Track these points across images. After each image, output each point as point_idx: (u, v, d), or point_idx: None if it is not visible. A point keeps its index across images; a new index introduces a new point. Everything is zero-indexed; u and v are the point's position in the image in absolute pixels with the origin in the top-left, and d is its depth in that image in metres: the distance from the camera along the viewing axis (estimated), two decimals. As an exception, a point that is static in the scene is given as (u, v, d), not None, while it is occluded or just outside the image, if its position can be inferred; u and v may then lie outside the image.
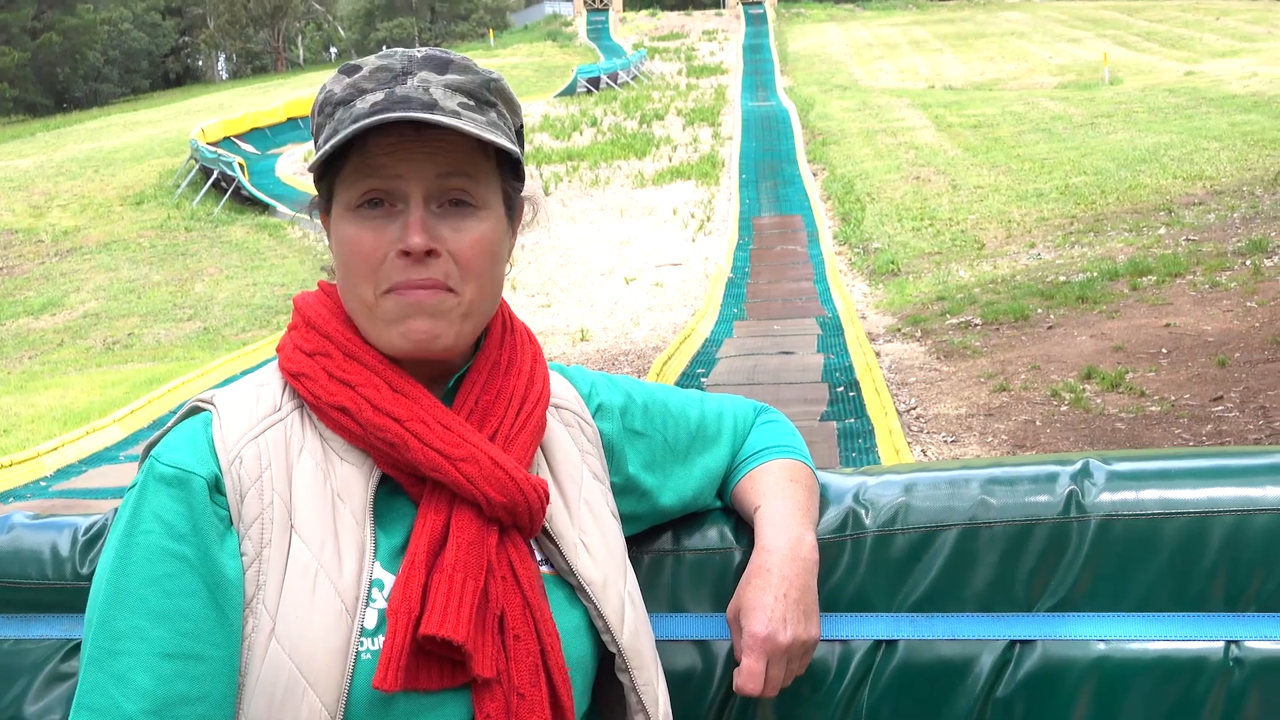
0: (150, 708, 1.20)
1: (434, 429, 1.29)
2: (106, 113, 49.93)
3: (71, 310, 19.93)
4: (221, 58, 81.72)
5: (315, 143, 1.36)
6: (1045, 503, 1.47)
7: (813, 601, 1.42)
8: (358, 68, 1.34)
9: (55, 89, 64.81)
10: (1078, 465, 1.51)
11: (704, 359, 12.45)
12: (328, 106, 1.33)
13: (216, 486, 1.28)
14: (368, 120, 1.26)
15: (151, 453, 1.31)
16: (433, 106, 1.28)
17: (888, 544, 1.50)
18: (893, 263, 17.02)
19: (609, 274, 18.65)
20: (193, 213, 25.42)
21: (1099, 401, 9.21)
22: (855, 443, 8.92)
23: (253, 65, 76.24)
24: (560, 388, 1.50)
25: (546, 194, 25.18)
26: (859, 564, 1.50)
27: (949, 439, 8.85)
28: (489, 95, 1.34)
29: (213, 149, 27.65)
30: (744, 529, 1.54)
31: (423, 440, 1.28)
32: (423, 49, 1.36)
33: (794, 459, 1.56)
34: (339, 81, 1.33)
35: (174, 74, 77.12)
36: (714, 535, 1.56)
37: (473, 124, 1.28)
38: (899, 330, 13.10)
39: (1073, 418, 8.92)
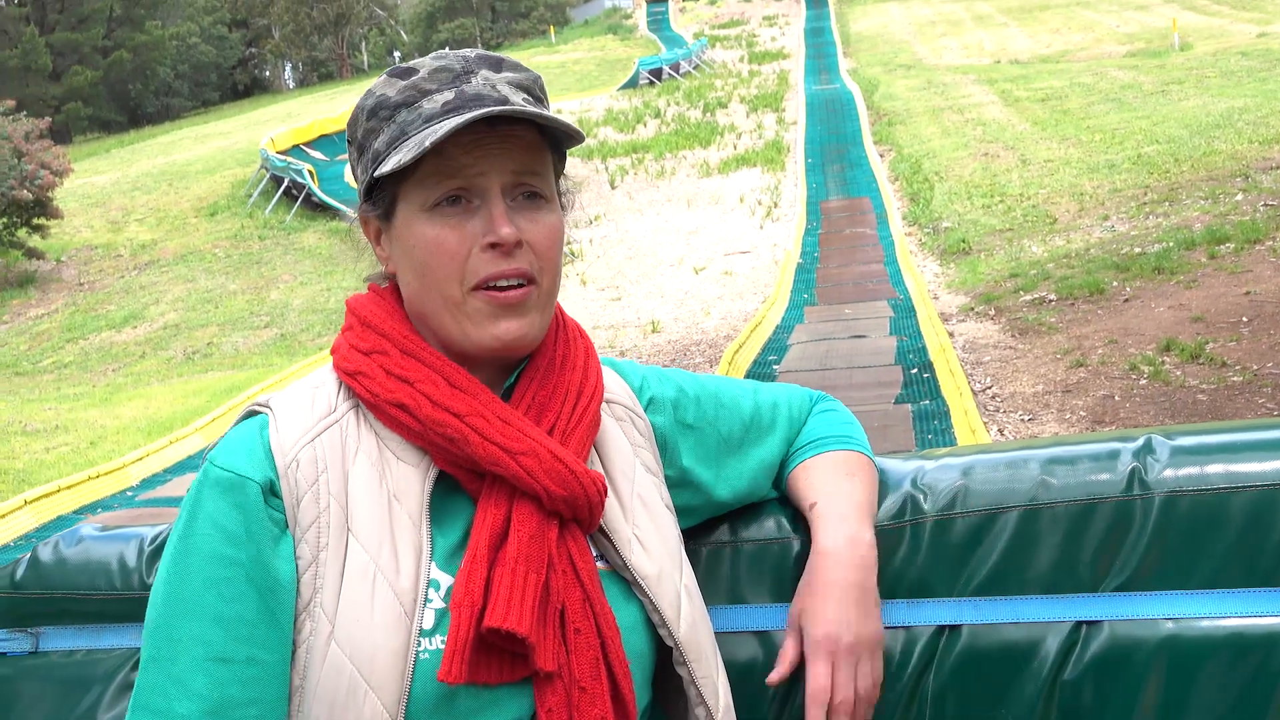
0: (204, 710, 1.22)
1: (493, 423, 1.30)
2: (178, 126, 50.72)
3: (152, 322, 20.27)
4: (288, 67, 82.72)
5: (364, 147, 1.37)
6: (1107, 481, 1.45)
7: (873, 601, 1.41)
8: (413, 70, 1.35)
9: (128, 105, 65.95)
10: (1140, 441, 1.48)
11: (775, 346, 12.39)
12: (383, 110, 1.34)
13: (272, 490, 1.29)
14: (459, 118, 1.27)
15: (208, 456, 1.32)
16: (505, 101, 1.30)
17: (947, 528, 1.48)
18: (963, 241, 16.83)
19: (678, 264, 18.62)
20: (265, 221, 25.75)
21: (1179, 374, 9.05)
22: (931, 424, 8.84)
23: (319, 73, 77.08)
24: (612, 382, 1.51)
25: (612, 187, 25.21)
26: (919, 550, 1.48)
27: (1026, 417, 8.75)
28: (538, 91, 1.37)
29: (282, 157, 27.99)
30: (802, 518, 1.53)
31: (483, 435, 1.29)
32: (471, 50, 1.37)
33: (851, 450, 1.55)
34: (392, 85, 1.34)
35: (242, 85, 78.16)
36: (771, 525, 1.55)
37: (546, 117, 1.31)
38: (972, 309, 12.95)
39: (1152, 391, 8.78)
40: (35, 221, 23.84)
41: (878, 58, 41.04)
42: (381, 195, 1.37)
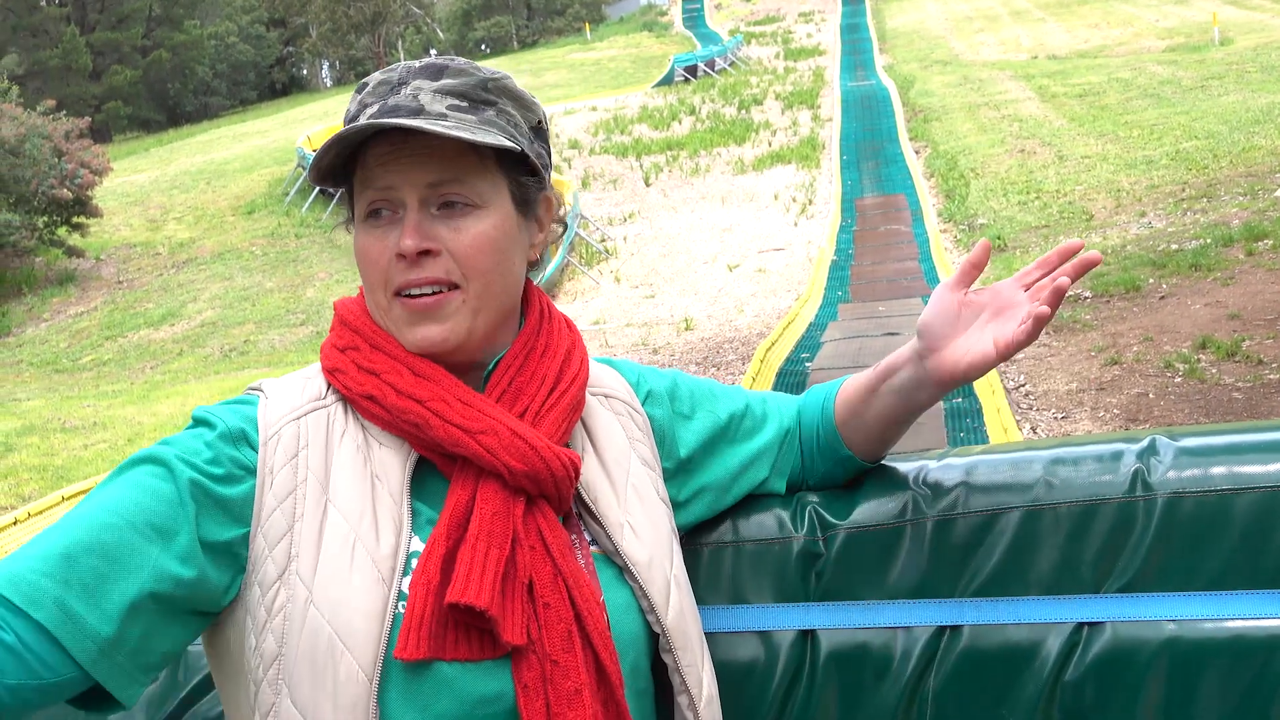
0: (60, 548, 1.20)
1: (454, 406, 1.34)
2: (216, 125, 51.09)
3: (189, 320, 20.44)
4: (325, 65, 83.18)
5: None
6: (1110, 482, 1.45)
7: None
8: (367, 83, 1.40)
9: (167, 104, 66.49)
10: (1144, 443, 1.48)
11: (808, 344, 12.37)
12: (346, 120, 1.40)
13: (246, 439, 1.32)
14: (345, 136, 1.32)
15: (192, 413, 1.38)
16: (418, 113, 1.33)
17: (948, 529, 1.48)
18: (999, 238, 16.74)
19: (712, 262, 18.61)
20: (301, 219, 25.91)
21: (1214, 371, 8.97)
22: (963, 422, 8.80)
23: (355, 71, 77.41)
24: (611, 379, 1.55)
25: (647, 184, 25.21)
26: (920, 550, 1.48)
27: (1059, 415, 8.70)
28: (485, 94, 1.38)
29: (319, 156, 28.08)
30: (801, 517, 1.53)
31: (443, 417, 1.33)
32: (421, 60, 1.42)
33: None
34: (354, 99, 1.40)
35: (280, 84, 78.66)
36: (772, 525, 1.56)
37: (457, 125, 1.32)
38: (1006, 306, 12.86)
39: (1187, 389, 8.71)
40: (75, 220, 24.10)
41: (914, 54, 40.85)
42: (345, 204, 1.45)
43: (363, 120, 1.33)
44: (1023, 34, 42.58)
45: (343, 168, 1.39)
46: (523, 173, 1.42)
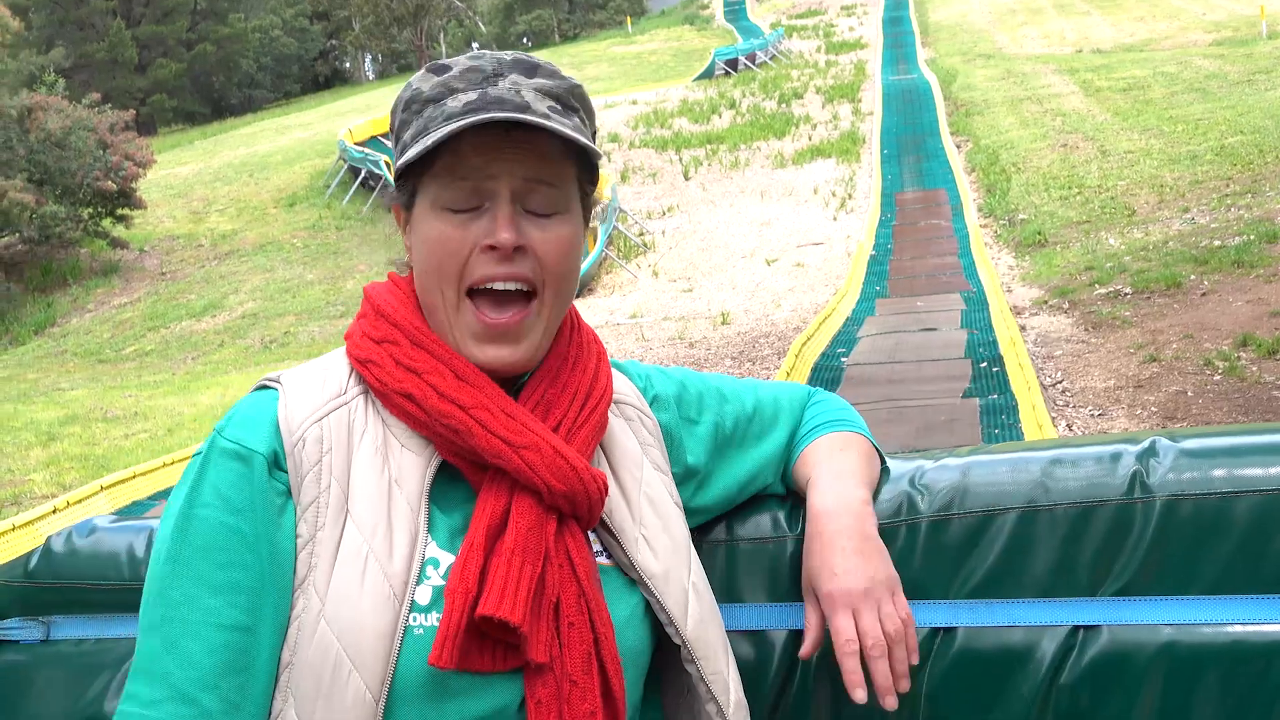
0: (199, 676, 1.24)
1: (498, 417, 1.31)
2: (260, 118, 51.43)
3: (231, 311, 20.59)
4: (368, 59, 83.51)
5: (398, 138, 1.39)
6: (1108, 483, 1.43)
7: (875, 547, 1.41)
8: (447, 67, 1.36)
9: (212, 97, 66.94)
10: (1144, 444, 1.46)
11: (844, 339, 12.31)
12: (414, 103, 1.35)
13: (276, 463, 1.31)
14: (469, 119, 1.28)
15: (215, 427, 1.35)
16: (526, 108, 1.30)
17: (944, 529, 1.47)
18: (1039, 233, 16.62)
19: (750, 256, 18.57)
20: (343, 212, 26.05)
21: (1254, 369, 8.87)
22: (999, 419, 8.73)
23: (398, 64, 77.69)
24: (620, 383, 1.52)
25: (686, 178, 25.18)
26: (914, 550, 1.47)
27: (1096, 413, 8.62)
28: (573, 101, 1.37)
29: (360, 149, 28.25)
30: (797, 517, 1.52)
31: (486, 427, 1.30)
32: (510, 53, 1.38)
33: (845, 430, 1.56)
34: (427, 80, 1.36)
35: (323, 77, 79.01)
36: (767, 524, 1.55)
37: (561, 126, 1.30)
38: (1045, 302, 12.78)
39: (1226, 387, 8.61)
40: (119, 212, 24.38)
41: (956, 47, 40.58)
42: (405, 186, 1.39)
43: (459, 106, 1.31)
44: (1067, 27, 42.22)
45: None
46: (588, 182, 1.41)
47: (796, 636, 1.48)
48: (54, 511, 8.67)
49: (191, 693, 1.24)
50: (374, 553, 1.28)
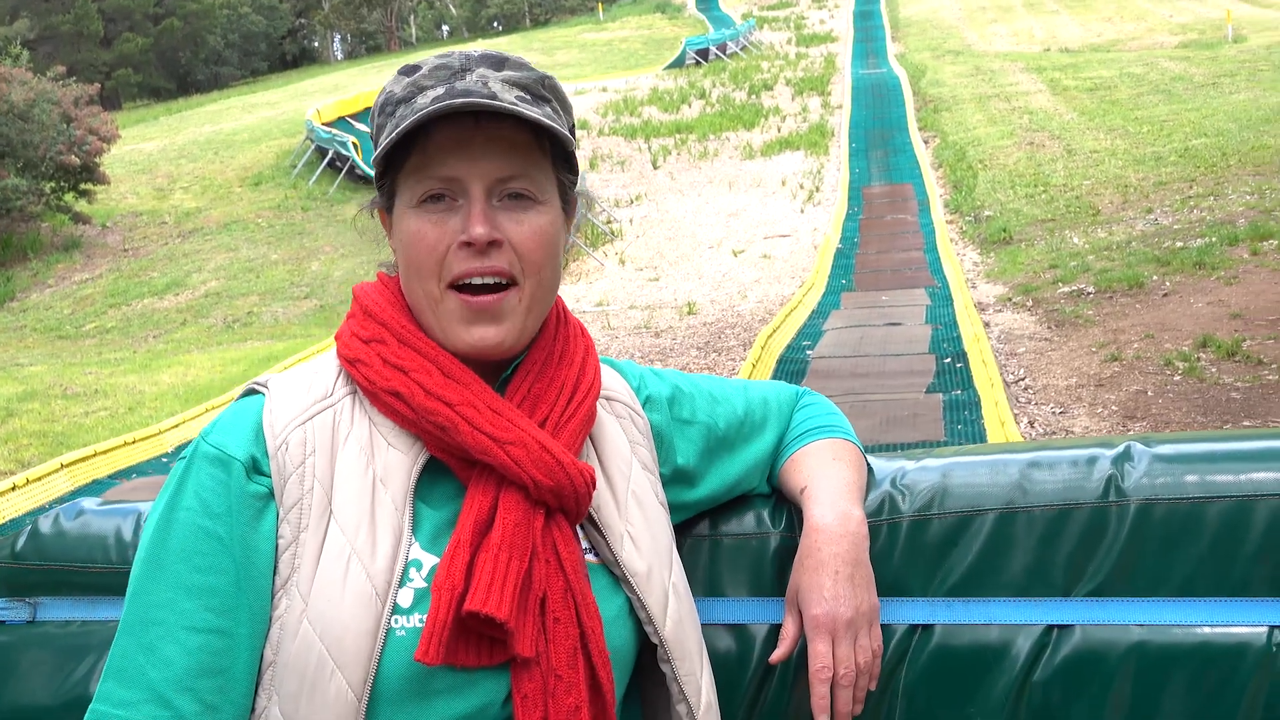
0: (173, 678, 1.26)
1: (484, 413, 1.33)
2: (226, 96, 50.97)
3: (193, 290, 20.43)
4: (336, 39, 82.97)
5: (375, 143, 1.40)
6: (1084, 487, 1.47)
7: (866, 574, 1.43)
8: (416, 67, 1.38)
9: (178, 73, 66.28)
10: (1119, 449, 1.50)
11: (810, 331, 12.37)
12: (389, 106, 1.37)
13: (257, 468, 1.33)
14: (429, 110, 1.29)
15: (201, 431, 1.37)
16: (493, 98, 1.31)
17: (924, 528, 1.50)
18: (1005, 230, 16.73)
19: (717, 247, 18.60)
20: (309, 192, 25.87)
21: (1214, 370, 8.99)
22: (961, 414, 8.81)
23: (367, 45, 77.28)
24: (612, 380, 1.54)
25: (655, 167, 25.18)
26: (895, 548, 1.50)
27: (1057, 410, 8.71)
28: (543, 91, 1.38)
29: (327, 129, 28.05)
30: (781, 514, 1.55)
31: (473, 424, 1.32)
32: (478, 49, 1.40)
33: (837, 437, 1.58)
34: (398, 82, 1.37)
35: (291, 56, 78.43)
36: (750, 520, 1.57)
37: (528, 112, 1.31)
38: (1009, 299, 12.89)
39: (1186, 388, 8.72)
40: (82, 186, 24.07)
41: (926, 43, 40.73)
42: (384, 188, 1.41)
43: (427, 102, 1.32)
44: (1036, 26, 42.45)
45: (390, 150, 1.36)
46: (566, 172, 1.42)
47: (776, 631, 1.51)
48: (13, 489, 8.61)
49: (167, 694, 1.26)
50: (357, 552, 1.29)
